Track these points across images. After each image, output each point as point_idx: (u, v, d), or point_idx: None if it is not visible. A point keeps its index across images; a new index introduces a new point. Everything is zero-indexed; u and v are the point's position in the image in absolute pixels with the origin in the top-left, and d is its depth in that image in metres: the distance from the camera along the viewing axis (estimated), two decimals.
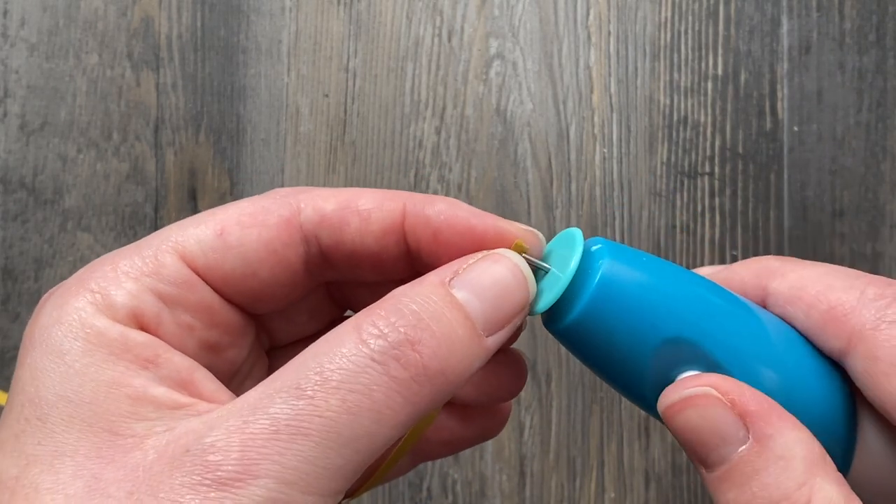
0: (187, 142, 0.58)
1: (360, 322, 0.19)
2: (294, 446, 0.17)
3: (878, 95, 0.56)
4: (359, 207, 0.22)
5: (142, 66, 0.58)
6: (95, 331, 0.19)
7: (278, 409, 0.18)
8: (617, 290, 0.21)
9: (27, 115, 0.57)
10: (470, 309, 0.19)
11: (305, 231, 0.22)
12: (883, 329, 0.20)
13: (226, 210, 0.21)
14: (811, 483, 0.19)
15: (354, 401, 0.18)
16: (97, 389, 0.19)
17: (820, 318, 0.21)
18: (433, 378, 0.18)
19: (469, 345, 0.19)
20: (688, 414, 0.20)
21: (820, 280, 0.22)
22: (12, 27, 0.58)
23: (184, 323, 0.21)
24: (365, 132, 0.58)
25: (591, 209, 0.57)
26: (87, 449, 0.18)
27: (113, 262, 0.20)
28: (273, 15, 0.58)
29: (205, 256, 0.21)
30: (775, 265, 0.23)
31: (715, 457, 0.20)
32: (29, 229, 0.57)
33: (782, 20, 0.57)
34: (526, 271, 0.21)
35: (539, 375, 0.56)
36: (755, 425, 0.19)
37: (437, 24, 0.58)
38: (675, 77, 0.57)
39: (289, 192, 0.22)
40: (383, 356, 0.18)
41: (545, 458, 0.55)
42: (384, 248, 0.22)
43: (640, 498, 0.55)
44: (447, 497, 0.55)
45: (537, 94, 0.57)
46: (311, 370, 0.18)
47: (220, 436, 0.17)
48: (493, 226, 0.21)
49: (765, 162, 0.56)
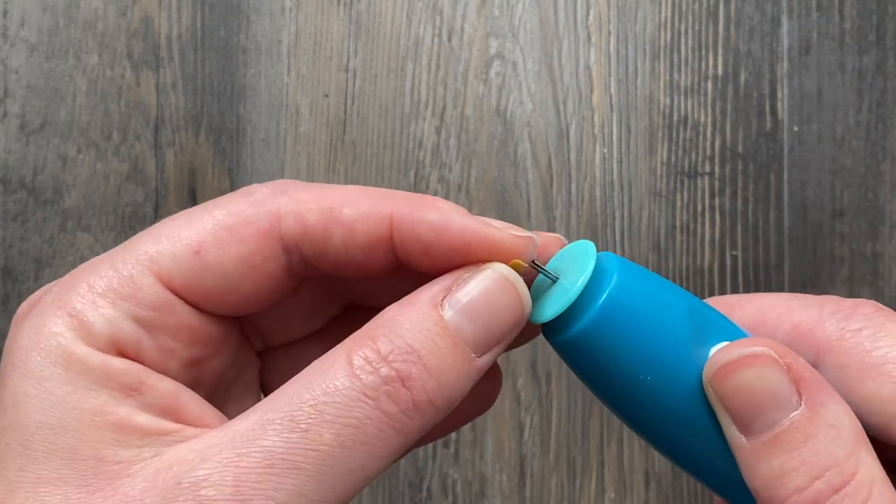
0: (187, 142, 0.58)
1: (351, 352, 0.19)
2: (288, 481, 0.17)
3: (878, 95, 0.56)
4: (342, 218, 0.21)
5: (142, 66, 0.58)
6: (76, 358, 0.19)
7: (272, 441, 0.17)
8: (624, 306, 0.20)
9: (27, 115, 0.57)
10: (462, 333, 0.19)
11: (286, 242, 0.21)
12: (848, 338, 0.21)
13: (201, 220, 0.20)
14: (857, 454, 0.19)
15: (348, 435, 0.18)
16: (80, 418, 0.18)
17: (786, 336, 0.22)
18: (423, 411, 0.19)
19: (459, 370, 0.19)
20: (745, 373, 0.20)
21: (779, 304, 0.23)
22: (12, 27, 0.58)
23: (164, 347, 0.20)
24: (365, 132, 0.58)
25: (591, 209, 0.57)
26: (73, 477, 0.18)
27: (88, 281, 0.20)
28: (273, 15, 0.58)
29: (182, 277, 0.20)
30: (732, 300, 0.24)
31: (764, 421, 0.19)
32: (29, 229, 0.57)
33: (782, 20, 0.57)
34: (521, 288, 0.20)
35: (539, 375, 0.56)
36: (808, 392, 0.19)
37: (437, 24, 0.58)
38: (675, 77, 0.57)
39: (267, 194, 0.21)
40: (375, 392, 0.18)
41: (545, 458, 0.55)
42: (371, 259, 0.21)
43: (640, 498, 0.55)
44: (447, 497, 0.55)
45: (537, 94, 0.57)
46: (304, 402, 0.18)
47: (214, 469, 0.17)
48: (489, 239, 0.20)
49: (765, 162, 0.56)
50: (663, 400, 0.21)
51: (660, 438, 0.22)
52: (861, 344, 0.21)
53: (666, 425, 0.21)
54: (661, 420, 0.21)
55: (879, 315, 0.21)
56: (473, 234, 0.20)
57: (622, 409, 0.22)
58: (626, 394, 0.21)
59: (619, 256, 0.22)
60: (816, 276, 0.56)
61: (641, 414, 0.21)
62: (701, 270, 0.56)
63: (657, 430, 0.22)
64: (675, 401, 0.21)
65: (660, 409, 0.21)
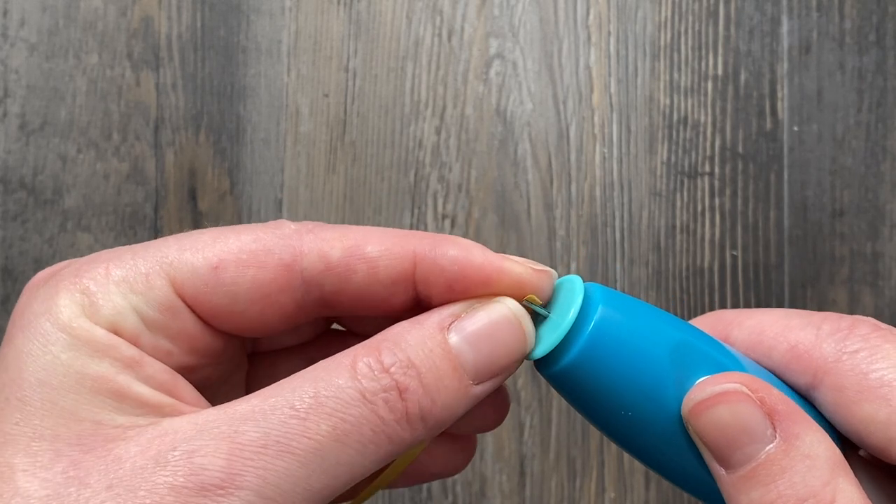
0: (187, 142, 0.58)
1: (356, 358, 0.19)
2: (280, 463, 0.18)
3: (878, 95, 0.56)
4: (366, 255, 0.21)
5: (142, 66, 0.58)
6: (82, 329, 0.19)
7: (270, 424, 0.18)
8: (610, 336, 0.21)
9: (27, 115, 0.57)
10: (463, 359, 0.20)
11: (306, 278, 0.21)
12: (845, 360, 0.21)
13: (227, 240, 0.21)
14: (835, 483, 0.19)
15: (344, 430, 0.18)
16: (82, 382, 0.19)
17: (783, 357, 0.22)
18: (414, 424, 0.19)
19: (455, 395, 0.20)
20: (718, 410, 0.20)
21: (777, 322, 0.23)
22: (12, 27, 0.58)
23: (162, 348, 0.21)
24: (365, 132, 0.58)
25: (591, 209, 0.57)
26: (69, 436, 0.18)
27: (107, 266, 0.20)
28: (273, 15, 0.58)
29: (195, 288, 0.21)
30: (730, 317, 0.24)
31: (740, 456, 0.20)
32: (29, 229, 0.57)
33: (782, 20, 0.57)
34: (527, 326, 0.21)
35: (539, 375, 0.56)
36: (783, 424, 0.20)
37: (437, 24, 0.58)
38: (675, 77, 0.57)
39: (293, 231, 0.21)
40: (374, 396, 0.19)
41: (545, 458, 0.55)
42: (392, 295, 0.22)
43: (640, 498, 0.55)
44: (447, 497, 0.55)
45: (537, 94, 0.57)
46: (306, 394, 0.19)
47: (209, 441, 0.18)
48: (509, 273, 0.21)
49: (765, 162, 0.56)
50: (650, 430, 0.21)
51: (652, 464, 0.22)
52: (858, 366, 0.21)
53: (654, 455, 0.22)
54: (650, 449, 0.22)
55: (876, 336, 0.21)
56: (495, 269, 0.21)
57: (613, 436, 0.22)
58: (615, 423, 0.22)
59: (607, 288, 0.22)
60: (816, 276, 0.56)
61: (630, 443, 0.22)
62: (701, 270, 0.56)
63: (648, 458, 0.22)
64: (660, 432, 0.21)
65: (647, 439, 0.22)
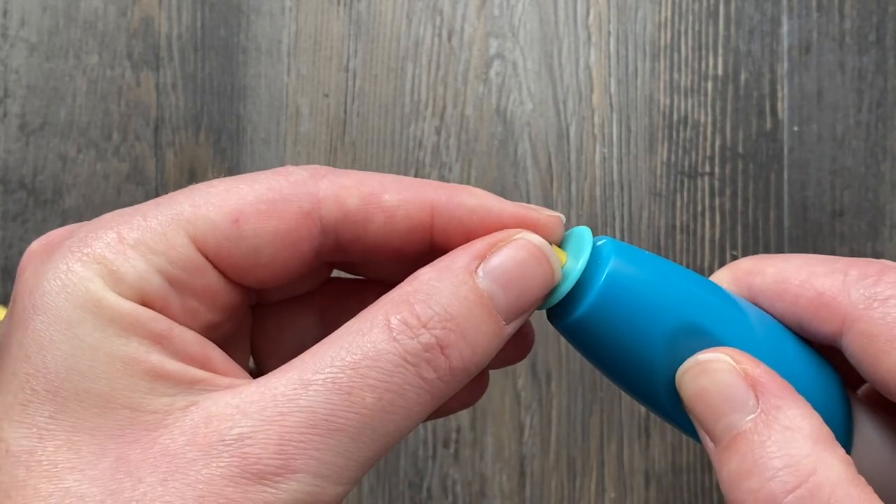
0: (187, 142, 0.58)
1: (389, 315, 0.19)
2: (331, 441, 0.18)
3: (878, 95, 0.56)
4: (383, 203, 0.21)
5: (142, 66, 0.58)
6: (106, 304, 0.18)
7: (315, 402, 0.18)
8: (624, 284, 0.21)
9: (27, 115, 0.57)
10: (495, 301, 0.20)
11: (325, 225, 0.21)
12: (875, 307, 0.20)
13: (241, 191, 0.20)
14: (817, 455, 0.19)
15: (389, 399, 0.18)
16: (112, 365, 0.18)
17: (809, 304, 0.22)
18: (457, 376, 0.19)
19: (492, 338, 0.20)
20: (701, 379, 0.20)
21: (801, 269, 0.22)
22: (12, 27, 0.58)
23: (189, 308, 0.20)
24: (365, 132, 0.58)
25: (591, 209, 0.57)
26: (109, 427, 0.18)
27: (118, 230, 0.20)
28: (273, 15, 0.58)
29: (217, 243, 0.20)
30: (750, 265, 0.23)
31: (724, 425, 0.20)
32: (29, 229, 0.57)
33: (782, 20, 0.57)
34: (552, 258, 0.21)
35: (539, 375, 0.56)
36: (765, 395, 0.19)
37: (437, 24, 0.58)
38: (675, 77, 0.57)
39: (306, 176, 0.21)
40: (416, 358, 0.19)
41: (545, 458, 0.55)
42: (408, 244, 0.21)
43: (640, 498, 0.55)
44: (447, 497, 0.55)
45: (537, 94, 0.57)
46: (346, 365, 0.18)
47: (256, 426, 0.17)
48: (526, 218, 0.21)
49: (765, 162, 0.56)
50: (660, 380, 0.22)
51: (662, 413, 0.23)
52: (890, 313, 0.20)
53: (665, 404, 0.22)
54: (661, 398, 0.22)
55: None
56: (511, 216, 0.21)
57: (625, 386, 0.23)
58: (625, 373, 0.22)
59: (617, 240, 0.22)
60: None
61: (641, 393, 0.22)
62: (701, 270, 0.56)
63: (660, 408, 0.23)
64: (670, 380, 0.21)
65: (658, 388, 0.22)
